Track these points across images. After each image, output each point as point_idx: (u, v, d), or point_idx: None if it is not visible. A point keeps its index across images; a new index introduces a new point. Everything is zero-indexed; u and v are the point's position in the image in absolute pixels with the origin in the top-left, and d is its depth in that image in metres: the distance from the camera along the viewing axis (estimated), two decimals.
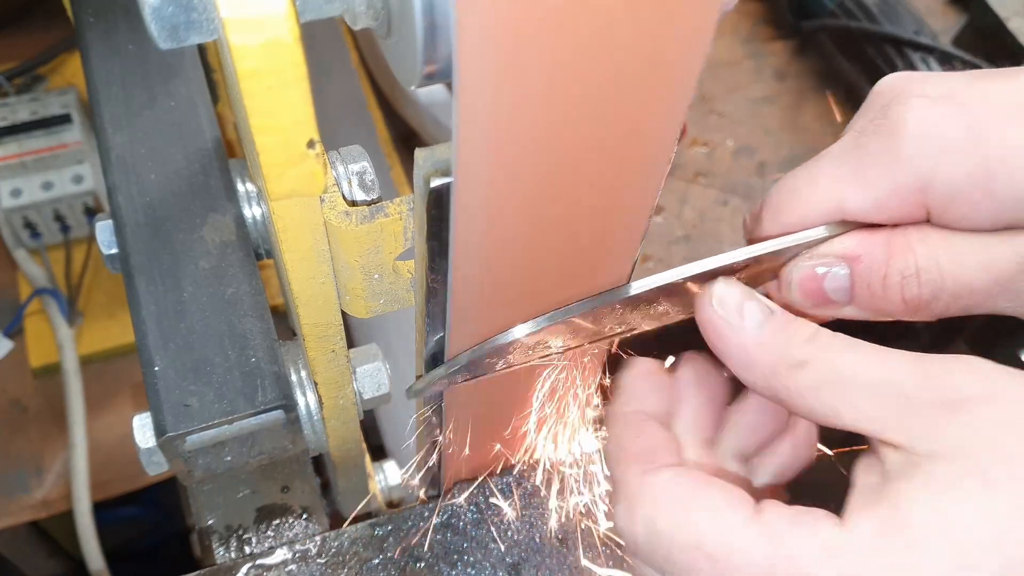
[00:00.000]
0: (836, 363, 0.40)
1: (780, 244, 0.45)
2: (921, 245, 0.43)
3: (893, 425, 0.38)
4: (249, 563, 0.55)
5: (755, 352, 0.42)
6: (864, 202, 0.43)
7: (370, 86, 1.37)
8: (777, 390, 0.42)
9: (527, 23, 0.29)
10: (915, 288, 0.43)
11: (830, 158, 0.45)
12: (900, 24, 1.29)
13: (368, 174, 0.47)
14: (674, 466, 0.43)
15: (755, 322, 0.42)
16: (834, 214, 0.44)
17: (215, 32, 0.31)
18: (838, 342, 0.41)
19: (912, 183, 0.42)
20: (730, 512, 0.40)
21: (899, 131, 0.42)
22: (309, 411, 0.57)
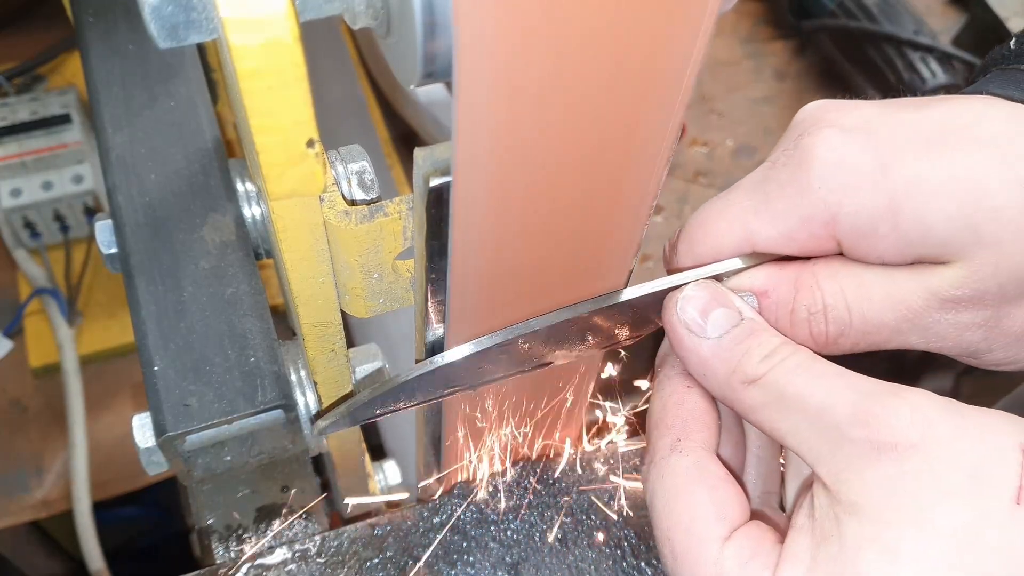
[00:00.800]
0: (783, 384, 0.39)
1: (693, 276, 0.44)
2: (828, 281, 0.42)
3: (824, 459, 0.38)
4: (249, 563, 0.55)
5: (711, 362, 0.42)
6: (773, 234, 0.42)
7: (370, 86, 1.37)
8: (731, 401, 0.42)
9: (526, 23, 0.29)
10: (822, 324, 0.42)
11: (742, 189, 0.44)
12: (900, 24, 1.29)
13: (368, 173, 0.47)
14: (699, 450, 0.43)
15: (718, 331, 0.42)
16: (744, 246, 0.43)
17: (215, 32, 0.31)
18: (793, 361, 0.40)
19: (820, 215, 0.41)
20: (706, 526, 0.40)
21: (808, 162, 0.41)
22: (309, 411, 0.57)
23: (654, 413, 0.46)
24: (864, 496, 0.36)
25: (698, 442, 0.43)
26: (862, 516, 0.36)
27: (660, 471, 0.43)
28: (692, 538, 0.40)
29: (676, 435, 0.44)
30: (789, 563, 0.38)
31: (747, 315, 0.43)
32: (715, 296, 0.43)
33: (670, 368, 0.46)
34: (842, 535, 0.36)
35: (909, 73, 1.26)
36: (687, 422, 0.44)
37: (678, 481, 0.42)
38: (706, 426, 0.44)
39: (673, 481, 0.42)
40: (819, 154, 0.41)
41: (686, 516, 0.41)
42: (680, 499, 0.42)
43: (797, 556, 0.38)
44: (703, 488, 0.42)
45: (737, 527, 0.41)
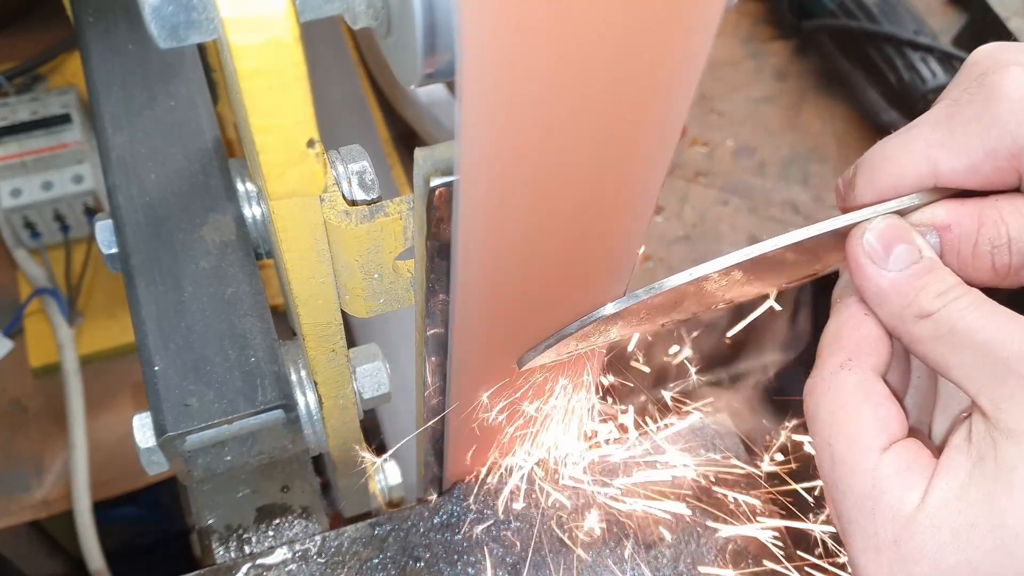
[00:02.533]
0: (955, 319, 0.42)
1: (873, 212, 0.46)
2: (1013, 215, 0.44)
3: (987, 390, 0.40)
4: (249, 563, 0.55)
5: (888, 294, 0.44)
6: (958, 166, 0.44)
7: (370, 86, 1.37)
8: (901, 333, 0.44)
9: (529, 24, 0.29)
10: (1006, 257, 0.44)
11: (925, 124, 0.46)
12: (900, 24, 1.29)
13: (368, 173, 0.47)
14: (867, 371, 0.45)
15: (899, 265, 0.44)
16: (927, 179, 0.45)
17: (215, 32, 0.31)
18: (966, 300, 0.42)
19: (1007, 147, 0.43)
20: (867, 437, 0.43)
21: (995, 97, 0.43)
22: (309, 411, 0.57)
23: (828, 334, 0.48)
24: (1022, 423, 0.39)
25: (867, 363, 0.46)
26: (1019, 439, 0.39)
27: (827, 385, 0.45)
28: (853, 445, 0.43)
29: (848, 355, 0.46)
30: (945, 474, 0.41)
31: (926, 253, 0.44)
32: (899, 231, 0.45)
33: (848, 298, 0.48)
34: (998, 455, 0.39)
35: (909, 73, 1.26)
36: (860, 344, 0.46)
37: (844, 395, 0.45)
38: (876, 351, 0.46)
39: (839, 395, 0.45)
40: (1007, 89, 0.43)
41: (849, 426, 0.44)
42: (845, 411, 0.44)
43: (953, 470, 0.41)
44: (867, 404, 0.44)
45: (896, 441, 0.43)
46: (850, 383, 0.45)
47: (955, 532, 0.40)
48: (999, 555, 0.39)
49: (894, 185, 0.46)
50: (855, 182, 0.47)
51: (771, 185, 1.29)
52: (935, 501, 0.41)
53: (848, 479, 0.43)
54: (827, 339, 0.47)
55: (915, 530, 0.41)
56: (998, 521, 0.39)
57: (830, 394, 0.45)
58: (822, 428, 0.45)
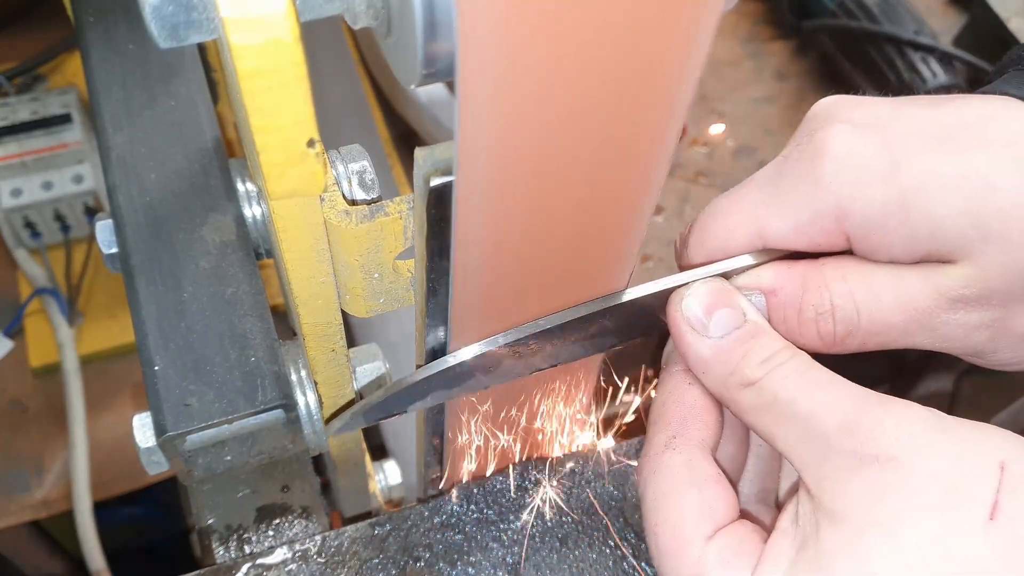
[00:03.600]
0: (778, 388, 0.40)
1: (701, 273, 0.44)
2: (837, 281, 0.42)
3: (811, 467, 0.38)
4: (249, 563, 0.55)
5: (710, 362, 0.42)
6: (784, 228, 0.43)
7: (370, 85, 1.37)
8: (727, 402, 0.42)
9: (528, 22, 0.29)
10: (830, 324, 0.42)
11: (754, 183, 0.44)
12: (900, 24, 1.29)
13: (368, 173, 0.47)
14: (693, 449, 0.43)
15: (720, 331, 0.42)
16: (755, 240, 0.44)
17: (215, 31, 0.31)
18: (790, 366, 0.40)
19: (831, 210, 0.41)
20: (691, 525, 0.41)
21: (820, 157, 0.41)
22: (309, 411, 0.57)
23: (654, 409, 0.46)
24: (843, 504, 0.37)
25: (693, 440, 0.44)
26: (839, 523, 0.37)
27: (652, 467, 0.43)
28: (676, 535, 0.41)
29: (672, 432, 0.44)
30: (769, 564, 0.39)
31: (751, 317, 0.43)
32: (720, 295, 0.43)
33: (673, 365, 0.46)
34: (819, 541, 0.37)
35: (910, 73, 1.26)
36: (685, 419, 0.44)
37: (668, 478, 0.42)
38: (704, 424, 0.44)
39: (664, 478, 0.43)
40: (831, 148, 0.41)
41: (673, 513, 0.42)
42: (669, 496, 0.42)
43: (776, 558, 0.39)
44: (692, 487, 0.42)
45: (722, 526, 0.41)
46: (675, 464, 0.43)
47: None
48: None
49: (722, 245, 0.44)
50: (688, 241, 0.46)
51: None
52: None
53: (674, 571, 0.41)
54: (654, 414, 0.46)
55: None
56: None
57: (655, 477, 0.43)
58: (648, 515, 0.43)
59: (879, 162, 0.40)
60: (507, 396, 0.52)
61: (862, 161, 0.41)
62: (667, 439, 0.44)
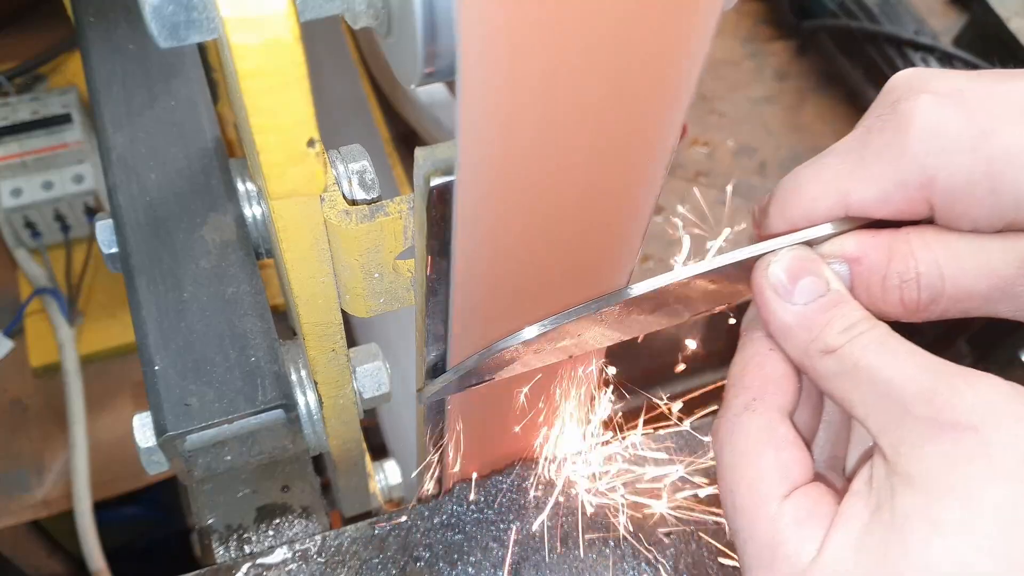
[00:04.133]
0: (859, 356, 0.41)
1: (785, 241, 0.45)
2: (922, 250, 0.43)
3: (887, 432, 0.39)
4: (249, 562, 0.55)
5: (793, 329, 0.43)
6: (868, 196, 0.43)
7: (370, 85, 1.37)
8: (806, 368, 0.43)
9: (529, 22, 0.29)
10: (914, 292, 0.43)
11: (837, 153, 0.45)
12: (901, 24, 1.29)
13: (368, 173, 0.47)
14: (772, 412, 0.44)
15: (804, 298, 0.43)
16: (838, 209, 0.44)
17: (215, 31, 0.31)
18: (871, 336, 0.41)
19: (916, 179, 0.42)
20: (768, 484, 0.42)
21: (906, 126, 0.42)
22: (309, 410, 0.57)
23: (734, 372, 0.47)
24: (920, 469, 0.38)
25: (772, 404, 0.45)
26: (916, 488, 0.38)
27: (731, 428, 0.44)
28: (754, 493, 0.42)
29: (752, 395, 0.45)
30: (842, 525, 0.40)
31: (834, 285, 0.44)
32: (806, 263, 0.44)
33: (754, 331, 0.47)
34: (894, 504, 0.38)
35: None
36: (765, 384, 0.45)
37: (748, 439, 0.44)
38: (782, 390, 0.45)
39: (743, 439, 0.44)
40: (918, 118, 0.42)
41: (750, 472, 0.43)
42: (747, 456, 0.43)
43: (850, 519, 0.40)
44: (770, 448, 0.43)
45: (798, 487, 0.42)
46: (754, 426, 0.44)
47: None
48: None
49: (805, 214, 0.45)
50: (768, 210, 0.46)
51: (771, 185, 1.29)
52: (831, 553, 0.39)
53: (749, 528, 0.42)
54: (732, 377, 0.46)
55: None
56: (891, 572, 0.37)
57: (733, 438, 0.44)
58: (725, 473, 0.44)
59: (966, 132, 0.41)
60: (507, 395, 0.52)
61: (948, 131, 0.41)
62: (747, 402, 0.45)
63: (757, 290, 0.44)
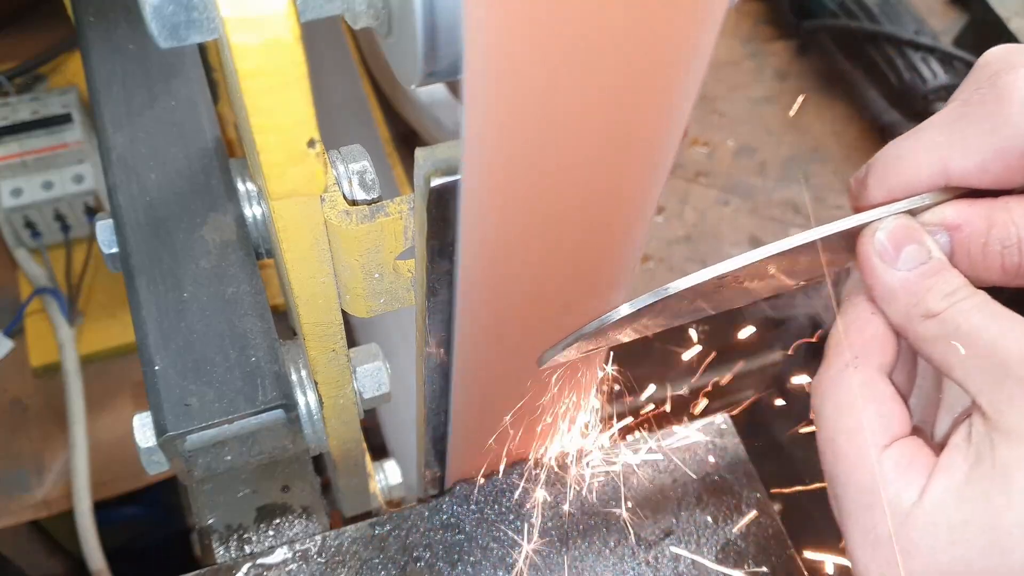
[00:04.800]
0: (960, 320, 0.42)
1: (888, 211, 0.46)
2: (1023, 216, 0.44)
3: (987, 391, 0.41)
4: (249, 562, 0.55)
5: (897, 293, 0.45)
6: (968, 166, 0.44)
7: (371, 85, 1.37)
8: (907, 332, 0.45)
9: (534, 24, 0.29)
10: (1015, 257, 0.44)
11: (936, 124, 0.46)
12: (901, 24, 1.29)
13: (368, 173, 0.47)
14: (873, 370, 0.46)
15: (908, 264, 0.45)
16: (938, 179, 0.45)
17: (215, 31, 0.31)
18: (972, 301, 0.43)
19: (1017, 147, 0.43)
20: (870, 434, 0.44)
21: (1006, 98, 0.43)
22: (309, 411, 0.57)
23: (834, 335, 0.48)
24: (1021, 424, 0.40)
25: (873, 362, 0.46)
26: (1016, 441, 0.40)
27: (834, 382, 0.46)
28: (854, 442, 0.44)
29: (854, 353, 0.47)
30: (943, 473, 0.42)
31: (936, 254, 0.45)
32: (909, 231, 0.45)
33: (856, 297, 0.48)
34: (995, 456, 0.40)
35: (910, 73, 1.26)
36: (867, 344, 0.47)
37: (849, 393, 0.45)
38: (883, 350, 0.47)
39: (845, 393, 0.46)
40: (1019, 90, 0.43)
41: (852, 423, 0.45)
42: (849, 409, 0.45)
43: (951, 468, 0.42)
44: (871, 401, 0.45)
45: (898, 438, 0.44)
46: (855, 382, 0.46)
47: (951, 529, 0.41)
48: (992, 552, 0.40)
49: (905, 185, 0.46)
50: (867, 181, 0.48)
51: (771, 185, 1.29)
52: (933, 498, 0.41)
53: (849, 474, 0.44)
54: (834, 338, 0.48)
55: (912, 526, 0.42)
56: (993, 520, 0.39)
57: (835, 392, 0.46)
58: (826, 424, 0.46)
59: None
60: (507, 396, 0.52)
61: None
62: (849, 359, 0.46)
63: (863, 256, 0.46)
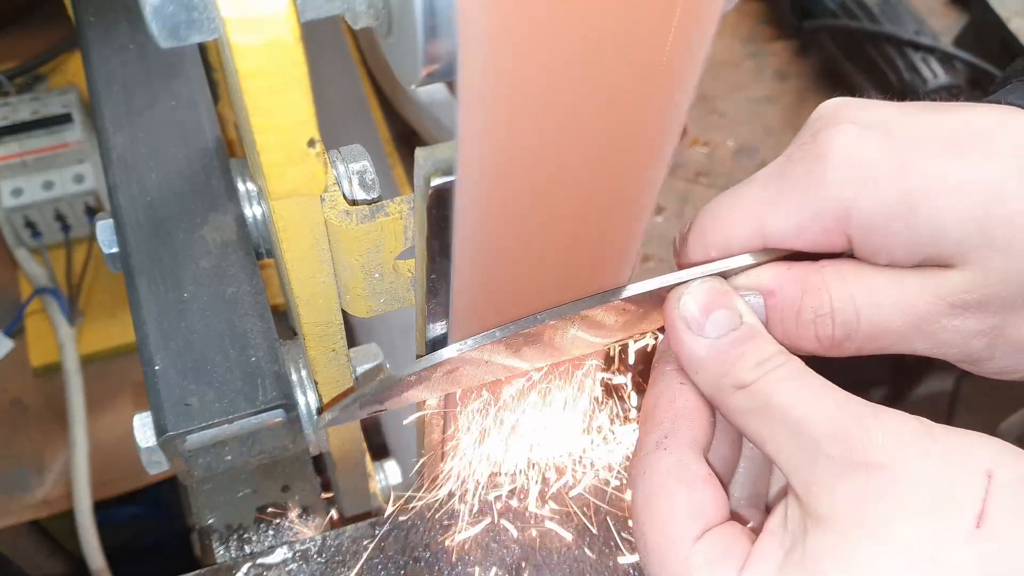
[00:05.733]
0: (770, 393, 0.40)
1: (700, 272, 0.44)
2: (837, 284, 0.42)
3: (800, 471, 0.38)
4: (249, 562, 0.55)
5: (704, 362, 0.42)
6: (786, 226, 0.42)
7: (371, 85, 1.37)
8: (719, 403, 0.42)
9: (530, 23, 0.29)
10: (829, 327, 0.42)
11: (757, 182, 0.44)
12: (901, 24, 1.29)
13: (369, 173, 0.47)
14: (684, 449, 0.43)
15: (716, 331, 0.42)
16: (756, 239, 0.43)
17: (216, 31, 0.31)
18: (783, 371, 0.40)
19: (834, 210, 0.41)
20: (680, 525, 0.41)
21: (825, 156, 0.41)
22: (309, 410, 0.57)
23: (646, 408, 0.46)
24: (831, 509, 0.37)
25: (684, 440, 0.43)
26: (827, 528, 0.37)
27: (643, 466, 0.43)
28: (665, 534, 0.41)
29: (664, 431, 0.44)
30: (756, 566, 0.39)
31: (747, 319, 0.43)
32: (718, 295, 0.43)
33: (665, 364, 0.46)
34: (807, 544, 0.37)
35: (910, 73, 1.26)
36: (676, 419, 0.44)
37: (658, 478, 0.42)
38: (696, 424, 0.44)
39: (654, 478, 0.42)
40: (836, 148, 0.41)
41: (661, 512, 0.41)
42: (659, 496, 0.42)
43: (764, 560, 0.39)
44: (682, 487, 0.42)
45: (711, 527, 0.41)
46: (665, 464, 0.42)
47: None
48: None
49: (723, 244, 0.44)
50: (687, 239, 0.46)
51: None
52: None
53: (660, 569, 0.41)
54: (644, 414, 0.45)
55: None
56: None
57: (645, 476, 0.43)
58: (638, 513, 0.43)
59: (884, 163, 0.40)
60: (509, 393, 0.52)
61: (867, 161, 0.41)
62: (658, 439, 0.44)
63: (668, 322, 0.43)
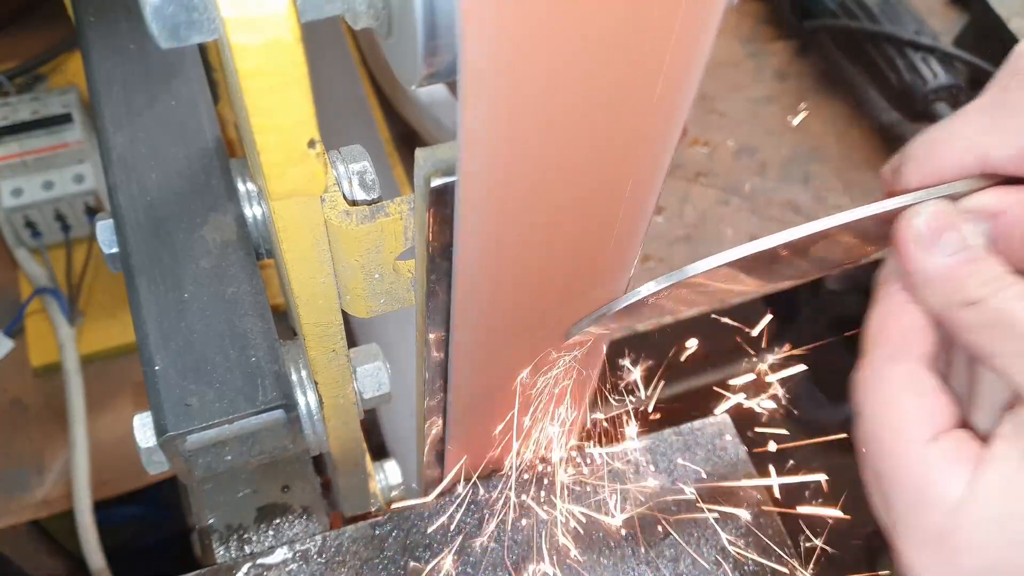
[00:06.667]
0: (1002, 309, 0.41)
1: (926, 195, 0.44)
2: None
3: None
4: (249, 562, 0.55)
5: (935, 281, 0.44)
6: (1006, 153, 0.43)
7: (371, 85, 1.37)
8: (946, 320, 0.44)
9: (531, 24, 0.29)
10: None
11: (973, 110, 0.45)
12: (901, 24, 1.29)
13: (369, 173, 0.47)
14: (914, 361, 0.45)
15: (947, 251, 0.43)
16: (975, 166, 0.44)
17: (216, 31, 0.31)
18: (1013, 290, 0.42)
19: None
20: (914, 428, 0.43)
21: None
22: (309, 411, 0.57)
23: (872, 327, 0.47)
24: None
25: (914, 353, 0.45)
26: None
27: (876, 378, 0.45)
28: (900, 437, 0.43)
29: (894, 345, 0.45)
30: (993, 465, 0.41)
31: (975, 240, 0.44)
32: (948, 217, 0.44)
33: (892, 285, 0.47)
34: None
35: (911, 74, 1.26)
36: (905, 335, 0.45)
37: (892, 388, 0.44)
38: (923, 341, 0.45)
39: (887, 387, 0.44)
40: None
41: (896, 418, 0.43)
42: (892, 404, 0.44)
43: (1001, 460, 0.41)
44: (914, 395, 0.44)
45: (943, 431, 0.43)
46: (896, 375, 0.44)
47: (1001, 523, 0.39)
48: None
49: (941, 170, 0.45)
50: (902, 169, 0.47)
51: (772, 185, 1.29)
52: (981, 492, 0.40)
53: (894, 471, 0.43)
54: (872, 330, 0.47)
55: (960, 522, 0.40)
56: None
57: (878, 386, 0.45)
58: (870, 421, 0.44)
59: None
60: (506, 397, 0.52)
61: None
62: (890, 352, 0.45)
63: (900, 242, 0.45)
